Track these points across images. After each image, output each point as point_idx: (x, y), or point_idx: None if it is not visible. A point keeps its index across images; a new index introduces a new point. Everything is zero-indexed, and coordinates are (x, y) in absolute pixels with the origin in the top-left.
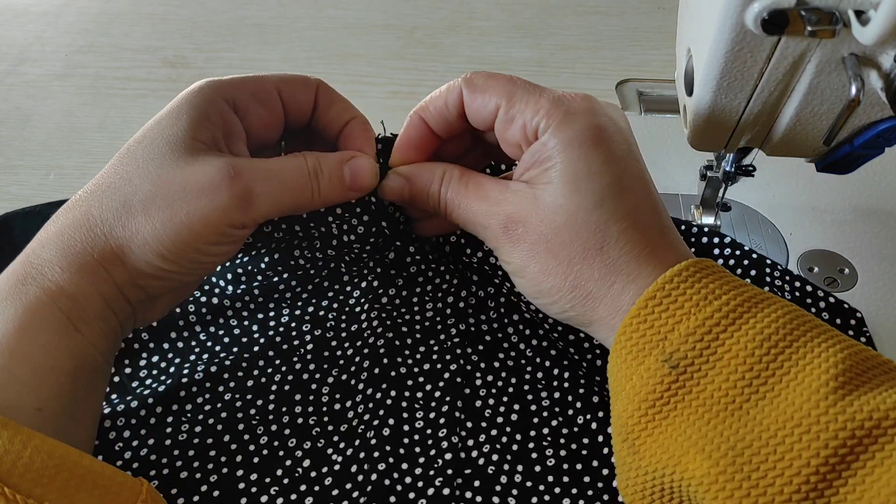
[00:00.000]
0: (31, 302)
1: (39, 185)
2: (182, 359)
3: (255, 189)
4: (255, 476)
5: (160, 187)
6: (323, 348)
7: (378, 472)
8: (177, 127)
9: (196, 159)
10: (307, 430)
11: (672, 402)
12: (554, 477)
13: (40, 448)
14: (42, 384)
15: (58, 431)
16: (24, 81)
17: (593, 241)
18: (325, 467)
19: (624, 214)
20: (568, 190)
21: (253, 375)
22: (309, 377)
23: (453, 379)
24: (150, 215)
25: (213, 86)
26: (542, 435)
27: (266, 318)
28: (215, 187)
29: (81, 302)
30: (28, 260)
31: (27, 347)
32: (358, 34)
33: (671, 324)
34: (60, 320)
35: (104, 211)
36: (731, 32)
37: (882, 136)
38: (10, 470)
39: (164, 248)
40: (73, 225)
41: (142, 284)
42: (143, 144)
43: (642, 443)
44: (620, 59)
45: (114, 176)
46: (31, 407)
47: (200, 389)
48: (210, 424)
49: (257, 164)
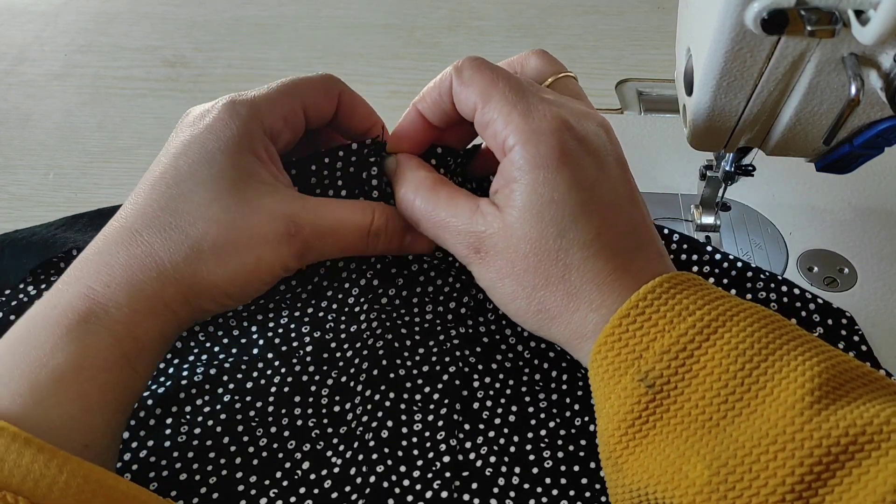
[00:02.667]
0: (96, 342)
1: (39, 184)
2: (181, 360)
3: (312, 244)
4: (255, 478)
5: (229, 233)
6: (322, 350)
7: (376, 473)
8: (233, 159)
9: (257, 199)
10: (306, 433)
11: (651, 421)
12: (552, 479)
13: (76, 472)
14: (92, 421)
15: (101, 462)
16: (24, 81)
17: (555, 269)
18: (324, 469)
19: (587, 242)
20: (532, 216)
21: (252, 377)
22: (308, 379)
23: (452, 381)
24: (222, 261)
25: (250, 110)
26: (540, 437)
27: (265, 320)
28: (279, 240)
29: (144, 342)
30: (90, 296)
31: (83, 385)
32: (358, 33)
33: (646, 342)
34: (120, 360)
35: (173, 255)
36: (731, 32)
37: (882, 136)
38: (45, 495)
39: (234, 289)
40: (140, 267)
41: (198, 318)
42: (195, 176)
43: (624, 461)
44: (620, 58)
45: (171, 212)
46: (79, 444)
47: (200, 391)
48: (209, 426)
49: (318, 219)
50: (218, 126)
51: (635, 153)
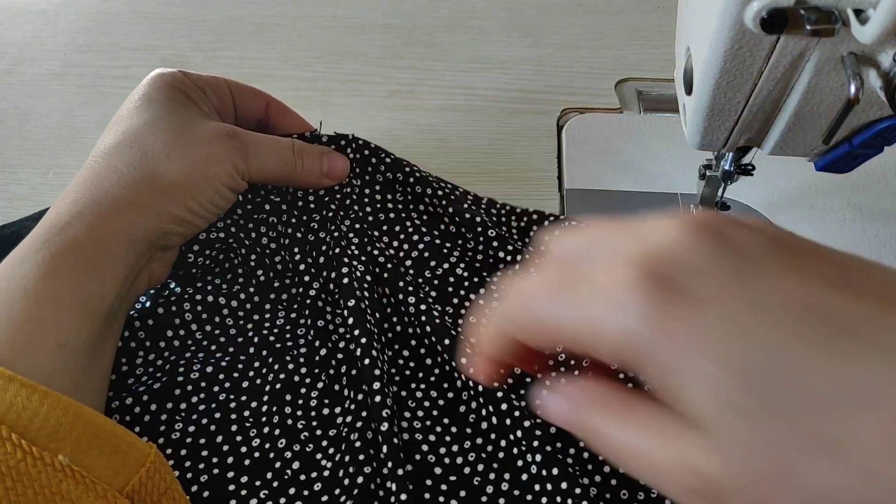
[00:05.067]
0: (59, 249)
1: (39, 184)
2: (178, 357)
3: (248, 147)
4: (246, 479)
5: (177, 136)
6: (314, 353)
7: (364, 475)
8: (170, 96)
9: (195, 117)
10: (297, 434)
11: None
12: (540, 485)
13: (55, 405)
14: (63, 321)
15: (79, 369)
16: (23, 80)
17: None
18: (314, 472)
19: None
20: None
21: (248, 377)
22: (300, 380)
23: (439, 382)
24: (173, 159)
25: (176, 73)
26: (530, 440)
27: (262, 319)
28: (221, 138)
29: (106, 245)
30: (57, 215)
31: (51, 290)
32: (357, 33)
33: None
34: (84, 264)
35: (128, 160)
36: (731, 31)
37: (881, 136)
38: (27, 425)
39: (193, 185)
40: (99, 176)
41: (166, 229)
42: (139, 110)
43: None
44: (620, 58)
45: (121, 136)
46: (52, 342)
47: (195, 389)
48: (203, 425)
49: (247, 131)
50: (149, 81)
51: (635, 153)
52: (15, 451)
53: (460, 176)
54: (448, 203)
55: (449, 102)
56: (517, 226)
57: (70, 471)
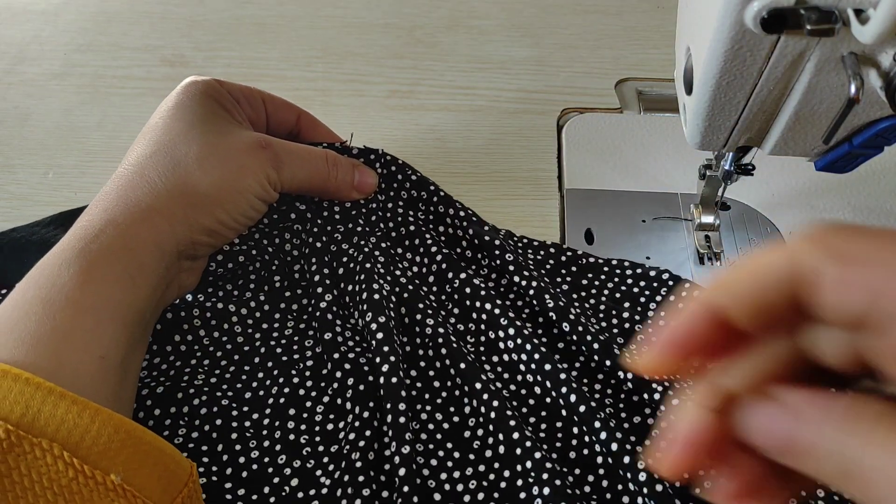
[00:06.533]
0: (95, 257)
1: (38, 183)
2: (183, 363)
3: (282, 157)
4: (243, 491)
5: (210, 147)
6: (321, 366)
7: (362, 497)
8: (203, 105)
9: (228, 126)
10: (299, 449)
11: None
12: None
13: (106, 423)
14: (104, 333)
15: (117, 381)
16: (23, 80)
17: None
18: (312, 489)
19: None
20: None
21: (252, 388)
22: (305, 393)
23: (445, 406)
24: (206, 170)
25: (207, 79)
26: (527, 470)
27: (270, 328)
28: (254, 149)
29: (139, 254)
30: (89, 224)
31: (91, 299)
32: (357, 33)
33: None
34: (119, 272)
35: (161, 170)
36: (731, 31)
37: (881, 135)
38: (78, 442)
39: (224, 198)
40: (131, 185)
41: (196, 240)
42: (171, 119)
43: None
44: (620, 57)
45: (154, 145)
46: (95, 354)
47: (198, 394)
48: (206, 432)
49: (280, 141)
50: (182, 89)
51: (635, 152)
52: (67, 470)
53: (460, 175)
54: (469, 224)
55: (449, 102)
56: (533, 258)
57: (122, 490)
